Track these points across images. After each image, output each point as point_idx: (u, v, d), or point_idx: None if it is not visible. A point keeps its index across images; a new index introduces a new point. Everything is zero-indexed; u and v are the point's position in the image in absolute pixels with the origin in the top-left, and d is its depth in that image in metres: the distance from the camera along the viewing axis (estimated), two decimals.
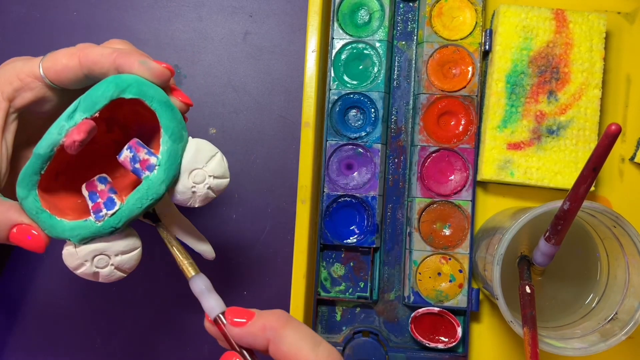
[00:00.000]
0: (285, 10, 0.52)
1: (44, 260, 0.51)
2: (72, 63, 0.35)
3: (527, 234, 0.44)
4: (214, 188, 0.36)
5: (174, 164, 0.35)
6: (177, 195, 0.36)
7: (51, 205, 0.35)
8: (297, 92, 0.52)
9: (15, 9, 0.53)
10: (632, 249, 0.41)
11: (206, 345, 0.51)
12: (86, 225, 0.35)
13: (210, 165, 0.36)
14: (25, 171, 0.34)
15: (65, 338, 0.52)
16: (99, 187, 0.36)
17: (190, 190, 0.35)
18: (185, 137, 0.36)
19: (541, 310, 0.45)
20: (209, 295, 0.34)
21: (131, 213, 0.35)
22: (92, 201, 0.35)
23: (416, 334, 0.48)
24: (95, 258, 0.35)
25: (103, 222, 0.35)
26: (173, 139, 0.35)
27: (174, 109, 0.35)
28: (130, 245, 0.36)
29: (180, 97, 0.36)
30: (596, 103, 0.47)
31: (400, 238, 0.50)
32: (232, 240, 0.51)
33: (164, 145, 0.34)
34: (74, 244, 0.35)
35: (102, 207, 0.35)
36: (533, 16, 0.48)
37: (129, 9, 0.53)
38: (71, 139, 0.33)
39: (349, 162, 0.49)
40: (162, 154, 0.34)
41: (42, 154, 0.34)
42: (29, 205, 0.35)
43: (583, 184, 0.35)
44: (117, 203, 0.35)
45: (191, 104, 0.37)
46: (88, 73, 0.35)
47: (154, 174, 0.34)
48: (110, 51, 0.35)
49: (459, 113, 0.48)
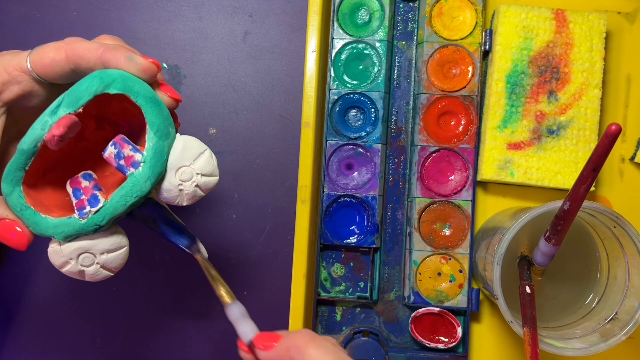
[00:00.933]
0: (285, 10, 0.52)
1: (43, 260, 0.51)
2: (59, 57, 0.34)
3: (527, 234, 0.44)
4: (202, 186, 0.35)
5: (160, 161, 0.34)
6: (163, 193, 0.35)
7: (36, 201, 0.35)
8: (297, 92, 0.52)
9: (15, 9, 0.53)
10: (632, 249, 0.41)
11: (206, 345, 0.51)
12: (70, 222, 0.34)
13: (198, 162, 0.35)
14: (10, 167, 0.34)
15: (65, 338, 0.51)
16: (83, 183, 0.35)
17: (177, 188, 0.35)
18: (172, 134, 0.35)
19: (541, 310, 0.45)
20: (243, 322, 0.35)
21: (115, 211, 0.34)
22: (75, 198, 0.35)
23: (416, 334, 0.48)
24: (80, 256, 0.35)
25: (87, 220, 0.34)
26: (159, 135, 0.34)
27: (160, 105, 0.35)
28: (116, 243, 0.35)
29: (169, 92, 0.36)
30: (596, 103, 0.47)
31: (400, 238, 0.50)
32: (232, 240, 0.51)
33: (149, 142, 0.34)
34: (58, 242, 0.35)
35: (86, 204, 0.34)
36: (533, 16, 0.48)
37: (129, 9, 0.53)
38: (51, 133, 0.33)
39: (349, 162, 0.49)
40: (147, 151, 0.34)
41: (26, 150, 0.34)
42: (13, 202, 0.34)
43: (583, 184, 0.35)
44: (100, 200, 0.34)
45: (180, 99, 0.37)
46: (75, 67, 0.35)
47: (138, 171, 0.34)
48: (97, 46, 0.35)
49: (459, 113, 0.48)
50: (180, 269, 0.51)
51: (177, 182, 0.35)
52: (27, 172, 0.34)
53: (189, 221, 0.51)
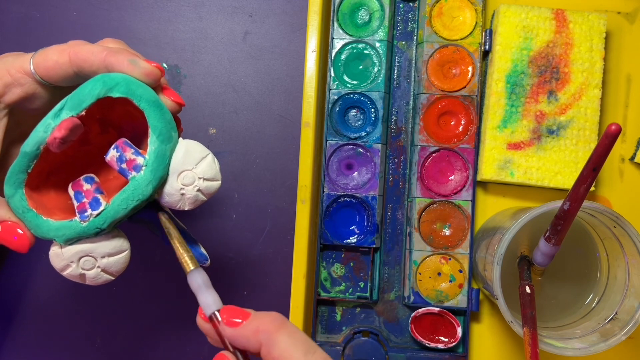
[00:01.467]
0: (285, 10, 0.52)
1: (44, 260, 0.51)
2: (63, 60, 0.34)
3: (527, 234, 0.44)
4: (203, 190, 0.35)
5: (162, 164, 0.34)
6: (165, 197, 0.35)
7: (39, 204, 0.35)
8: (297, 92, 0.52)
9: (15, 9, 0.53)
10: (632, 249, 0.41)
11: (206, 345, 0.51)
12: (71, 225, 0.34)
13: (200, 167, 0.35)
14: (12, 169, 0.34)
15: (65, 338, 0.51)
16: (85, 186, 0.35)
17: (179, 192, 0.35)
18: (175, 138, 0.35)
19: (541, 310, 0.45)
20: (206, 291, 0.33)
21: (116, 214, 0.34)
22: (77, 201, 0.35)
23: (416, 334, 0.48)
24: (81, 259, 0.35)
25: (88, 223, 0.34)
26: (161, 139, 0.34)
27: (162, 109, 0.35)
28: (118, 247, 0.35)
29: (172, 96, 0.36)
30: (596, 103, 0.47)
31: (400, 238, 0.50)
32: (232, 240, 0.51)
33: (151, 146, 0.34)
34: (60, 245, 0.35)
35: (87, 207, 0.34)
36: (533, 16, 0.48)
37: (129, 9, 0.53)
38: (52, 136, 0.33)
39: (349, 162, 0.49)
40: (149, 155, 0.34)
41: (29, 152, 0.34)
42: (15, 204, 0.34)
43: (583, 184, 0.35)
44: (102, 203, 0.34)
45: (183, 103, 0.36)
46: (78, 71, 0.35)
47: (140, 174, 0.34)
48: (100, 49, 0.35)
49: (459, 113, 0.48)
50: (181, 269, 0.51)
51: (179, 186, 0.35)
52: (29, 175, 0.34)
53: (189, 221, 0.51)
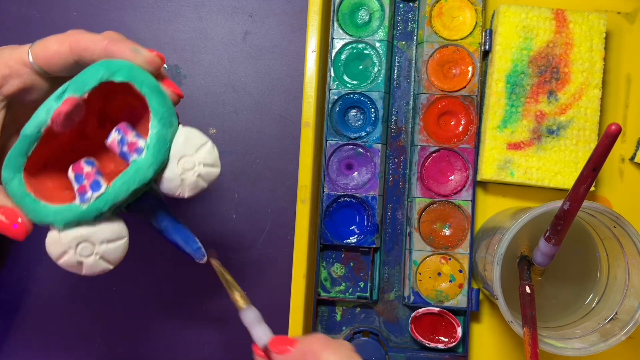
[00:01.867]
0: (285, 10, 0.52)
1: (44, 258, 0.51)
2: (63, 49, 0.34)
3: (527, 234, 0.44)
4: (204, 176, 0.35)
5: (163, 148, 0.34)
6: (165, 182, 0.35)
7: (36, 190, 0.35)
8: (297, 92, 0.52)
9: (15, 9, 0.53)
10: (632, 249, 0.41)
11: (206, 345, 0.51)
12: (71, 208, 0.34)
13: (200, 152, 0.35)
14: (12, 153, 0.34)
15: (65, 338, 0.51)
16: (86, 169, 0.35)
17: (179, 177, 0.35)
18: (175, 124, 0.35)
19: (541, 310, 0.45)
20: (258, 326, 0.36)
21: (117, 197, 0.34)
22: (77, 183, 0.34)
23: (416, 334, 0.48)
24: (80, 245, 0.34)
25: (88, 205, 0.34)
26: (162, 123, 0.34)
27: (164, 95, 0.35)
28: (117, 233, 0.35)
29: (171, 87, 0.36)
30: (596, 103, 0.47)
31: (400, 238, 0.50)
32: (232, 240, 0.51)
33: (152, 129, 0.34)
34: (57, 230, 0.34)
35: (88, 189, 0.34)
36: (533, 16, 0.48)
37: (129, 9, 0.53)
38: (57, 111, 0.33)
39: (349, 162, 0.49)
40: (150, 138, 0.34)
41: (29, 135, 0.33)
42: (13, 189, 0.34)
43: (583, 184, 0.35)
44: (103, 186, 0.34)
45: (182, 94, 0.37)
46: (78, 59, 0.35)
47: (141, 157, 0.34)
48: (101, 37, 0.35)
49: (459, 113, 0.48)
50: (181, 269, 0.51)
51: (179, 170, 0.35)
52: (28, 160, 0.34)
53: (189, 221, 0.51)
